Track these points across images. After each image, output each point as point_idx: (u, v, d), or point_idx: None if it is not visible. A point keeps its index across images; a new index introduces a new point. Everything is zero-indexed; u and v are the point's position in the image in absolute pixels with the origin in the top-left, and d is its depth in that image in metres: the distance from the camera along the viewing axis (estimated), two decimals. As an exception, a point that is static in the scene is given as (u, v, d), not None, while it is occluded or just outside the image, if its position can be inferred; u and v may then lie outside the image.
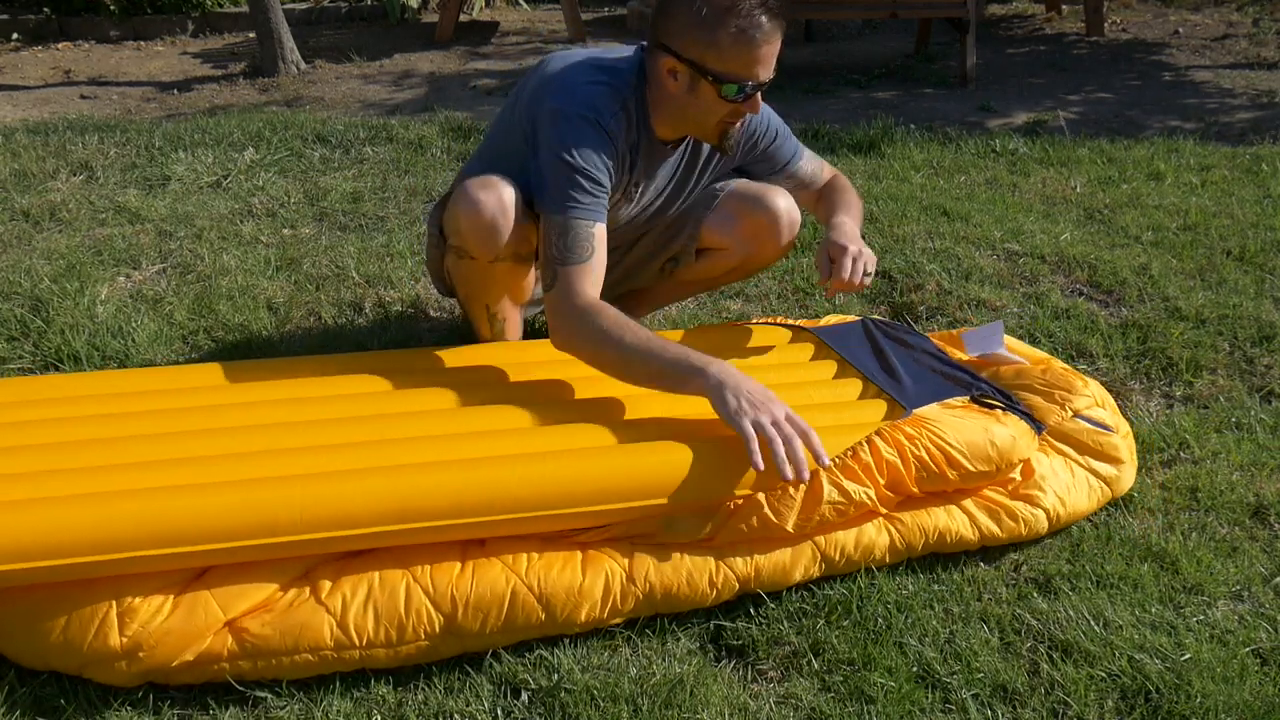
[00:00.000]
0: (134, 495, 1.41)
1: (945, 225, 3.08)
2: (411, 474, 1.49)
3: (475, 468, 1.51)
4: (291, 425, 1.66)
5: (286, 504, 1.42)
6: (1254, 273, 2.78)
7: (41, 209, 3.17)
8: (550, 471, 1.52)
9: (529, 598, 1.50)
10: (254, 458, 1.54)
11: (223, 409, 1.72)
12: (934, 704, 1.45)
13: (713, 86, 1.73)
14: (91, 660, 1.39)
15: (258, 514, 1.41)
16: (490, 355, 1.95)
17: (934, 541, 1.69)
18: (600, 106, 1.76)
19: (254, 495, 1.43)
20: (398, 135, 3.96)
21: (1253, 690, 1.45)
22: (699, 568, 1.57)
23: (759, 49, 1.70)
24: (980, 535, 1.71)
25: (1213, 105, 4.59)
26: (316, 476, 1.48)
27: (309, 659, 1.44)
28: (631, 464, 1.56)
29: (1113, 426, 1.88)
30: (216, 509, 1.41)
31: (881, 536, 1.67)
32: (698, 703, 1.43)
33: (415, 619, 1.46)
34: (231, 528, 1.40)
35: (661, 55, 1.75)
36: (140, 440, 1.59)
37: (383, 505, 1.45)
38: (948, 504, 1.71)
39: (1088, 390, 1.91)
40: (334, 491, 1.45)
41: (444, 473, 1.50)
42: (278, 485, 1.45)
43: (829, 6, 5.22)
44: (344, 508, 1.44)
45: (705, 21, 1.67)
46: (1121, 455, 1.85)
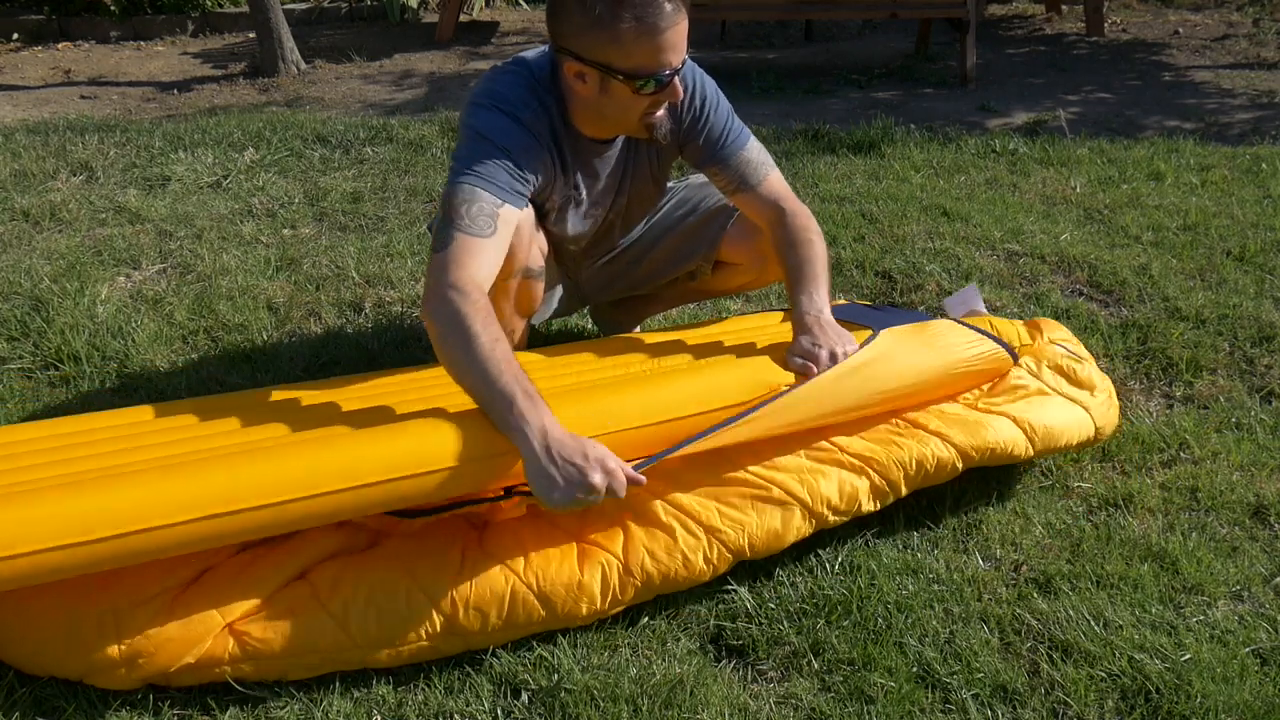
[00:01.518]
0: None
1: (945, 225, 3.08)
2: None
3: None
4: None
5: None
6: (1254, 273, 2.78)
7: (41, 209, 3.17)
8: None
9: (528, 596, 1.50)
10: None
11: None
12: (934, 704, 1.45)
13: (625, 84, 1.64)
14: (91, 669, 1.40)
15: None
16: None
17: (914, 473, 1.71)
18: (513, 99, 1.70)
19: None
20: (398, 135, 3.96)
21: (1253, 690, 1.45)
22: (692, 548, 1.58)
23: (664, 36, 1.59)
24: (957, 451, 1.73)
25: (1213, 105, 4.59)
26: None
27: (311, 660, 1.45)
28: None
29: (1082, 356, 1.97)
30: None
31: (861, 481, 1.68)
32: (698, 703, 1.43)
33: (416, 620, 1.46)
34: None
35: (565, 59, 1.66)
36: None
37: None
38: (916, 430, 1.76)
39: (1062, 330, 2.02)
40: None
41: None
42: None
43: (829, 6, 5.22)
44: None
45: (601, 19, 1.57)
46: (1095, 382, 1.92)
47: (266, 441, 1.51)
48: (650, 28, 1.57)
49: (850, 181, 3.49)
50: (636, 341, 1.97)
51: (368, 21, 6.64)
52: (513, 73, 1.76)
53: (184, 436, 1.66)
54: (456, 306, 1.52)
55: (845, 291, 2.69)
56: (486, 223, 1.61)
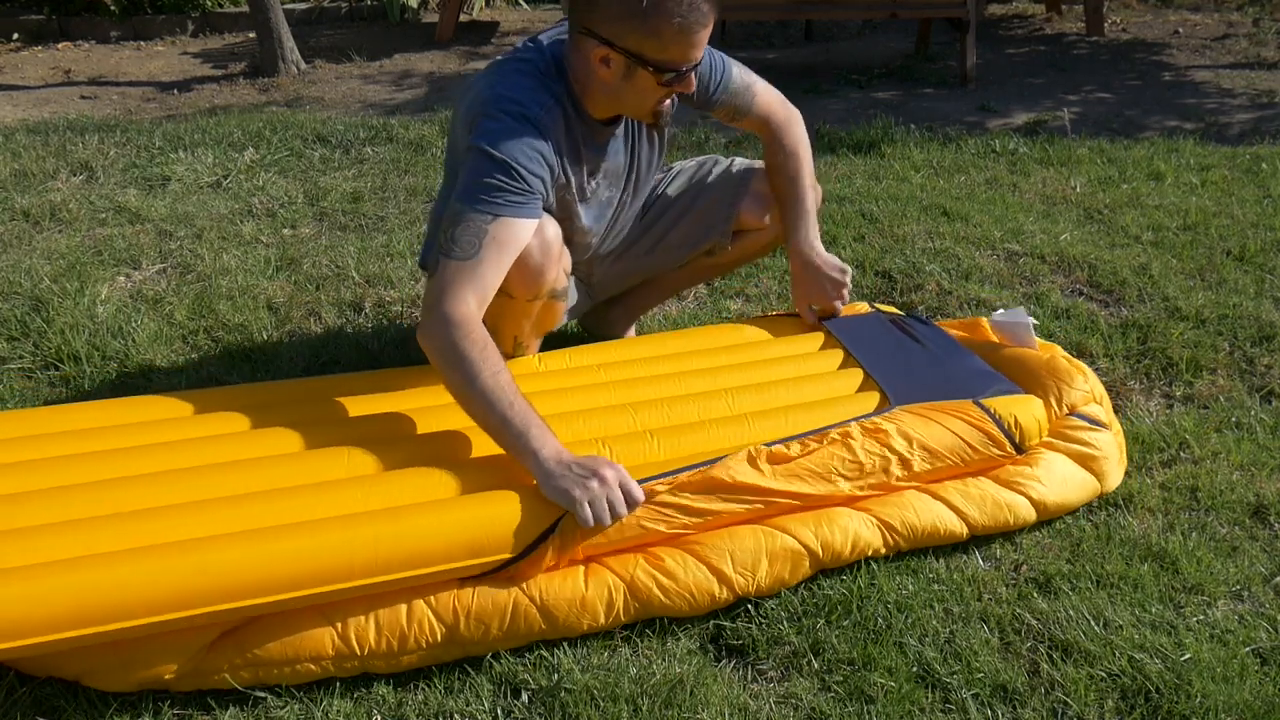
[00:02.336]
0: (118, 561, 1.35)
1: (945, 225, 3.08)
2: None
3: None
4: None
5: (359, 545, 1.39)
6: (1254, 273, 2.78)
7: (41, 209, 3.17)
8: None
9: (530, 609, 1.49)
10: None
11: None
12: (934, 704, 1.45)
13: (652, 75, 1.67)
14: (87, 670, 1.39)
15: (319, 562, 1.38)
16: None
17: (922, 538, 1.71)
18: (525, 100, 1.69)
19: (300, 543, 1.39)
20: (398, 135, 3.96)
21: (1253, 690, 1.45)
22: (701, 587, 1.56)
23: (698, 34, 1.64)
24: (969, 529, 1.73)
25: (1213, 105, 4.59)
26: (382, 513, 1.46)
27: (310, 668, 1.44)
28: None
29: (1105, 423, 1.89)
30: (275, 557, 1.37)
31: (874, 537, 1.68)
32: (698, 703, 1.43)
33: (417, 629, 1.46)
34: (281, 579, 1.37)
35: (590, 42, 1.66)
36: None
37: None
38: (935, 500, 1.73)
39: (1085, 385, 1.91)
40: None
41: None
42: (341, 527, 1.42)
43: (829, 6, 5.22)
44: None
45: (644, 12, 1.59)
46: (1110, 453, 1.86)
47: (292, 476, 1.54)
48: (689, 26, 1.62)
49: (850, 181, 3.49)
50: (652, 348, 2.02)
51: (368, 21, 6.64)
52: (517, 71, 1.74)
53: (189, 436, 1.66)
54: (452, 340, 1.55)
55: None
56: (470, 243, 1.61)
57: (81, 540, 1.38)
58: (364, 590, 1.42)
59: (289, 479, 1.55)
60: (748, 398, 1.84)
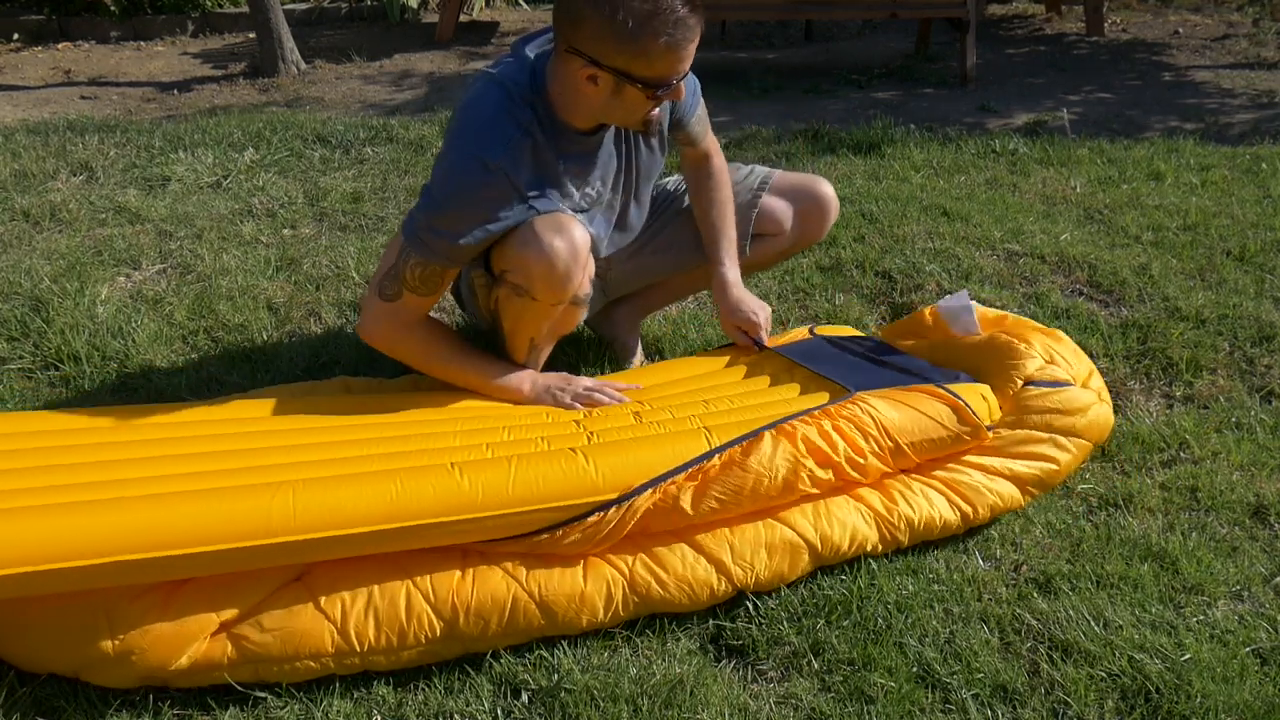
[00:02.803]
0: (126, 502, 1.39)
1: (945, 225, 3.08)
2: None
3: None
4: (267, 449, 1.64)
5: (281, 504, 1.40)
6: (1254, 273, 2.78)
7: (41, 209, 3.17)
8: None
9: (530, 605, 1.50)
10: (241, 472, 1.52)
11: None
12: (934, 704, 1.45)
13: (641, 91, 1.66)
14: (85, 665, 1.39)
15: (250, 514, 1.39)
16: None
17: (920, 532, 1.72)
18: (490, 141, 1.68)
19: (248, 497, 1.41)
20: (398, 135, 3.96)
21: (1253, 690, 1.45)
22: (700, 580, 1.57)
23: (686, 49, 1.64)
24: (963, 520, 1.74)
25: (1213, 105, 4.59)
26: (305, 480, 1.47)
27: (310, 665, 1.44)
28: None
29: (1069, 379, 1.89)
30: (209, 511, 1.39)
31: (872, 532, 1.69)
32: (698, 703, 1.43)
33: (416, 625, 1.46)
34: (220, 529, 1.37)
35: (576, 61, 1.64)
36: (127, 463, 1.56)
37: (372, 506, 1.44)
38: (930, 491, 1.74)
39: (1032, 352, 1.91)
40: (325, 491, 1.44)
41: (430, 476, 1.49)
42: (267, 488, 1.43)
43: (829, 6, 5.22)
44: (334, 507, 1.42)
45: (631, 33, 1.57)
46: (1081, 403, 1.87)
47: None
48: (678, 42, 1.61)
49: (850, 181, 3.49)
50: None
51: (368, 21, 6.64)
52: (491, 99, 1.72)
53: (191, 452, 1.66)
54: (403, 341, 1.84)
55: (846, 292, 2.69)
56: (434, 285, 1.77)
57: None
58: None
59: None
60: (688, 406, 1.82)
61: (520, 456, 1.54)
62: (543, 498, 1.49)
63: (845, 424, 1.70)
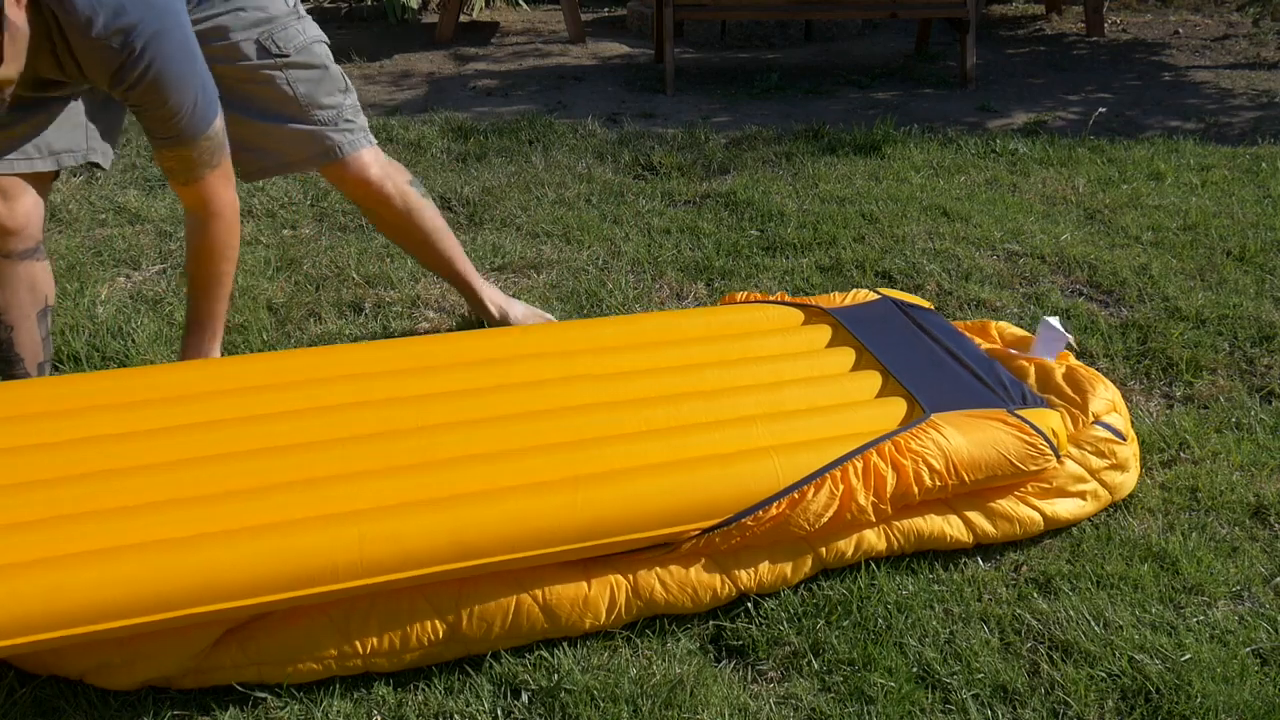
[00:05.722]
0: (168, 549, 1.34)
1: (945, 225, 3.08)
2: (472, 507, 1.45)
3: (534, 496, 1.48)
4: (325, 443, 1.58)
5: (344, 546, 1.36)
6: (1254, 273, 2.78)
7: (41, 209, 3.17)
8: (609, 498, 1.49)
9: (533, 608, 1.49)
10: (292, 489, 1.48)
11: (243, 421, 1.63)
12: (934, 704, 1.45)
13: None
14: (91, 667, 1.39)
15: (311, 560, 1.35)
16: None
17: (928, 541, 1.70)
18: None
19: (305, 540, 1.37)
20: (398, 135, 3.96)
21: (1253, 690, 1.45)
22: (704, 584, 1.57)
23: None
24: (974, 537, 1.72)
25: (1213, 105, 4.59)
26: (371, 512, 1.43)
27: (312, 667, 1.44)
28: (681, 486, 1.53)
29: (1125, 435, 1.85)
30: (264, 557, 1.34)
31: (879, 541, 1.67)
32: (698, 703, 1.43)
33: (419, 628, 1.46)
34: (281, 577, 1.34)
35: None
36: (157, 469, 1.50)
37: (443, 542, 1.41)
38: (948, 513, 1.71)
39: (1106, 394, 1.88)
40: (392, 530, 1.40)
41: (503, 504, 1.46)
42: (329, 524, 1.40)
43: (829, 6, 5.21)
44: (404, 547, 1.39)
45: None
46: (1129, 464, 1.84)
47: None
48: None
49: (850, 181, 3.49)
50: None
51: (367, 22, 6.64)
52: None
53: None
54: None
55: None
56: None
57: (86, 535, 1.36)
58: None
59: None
60: (757, 402, 1.76)
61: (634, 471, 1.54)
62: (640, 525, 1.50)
63: (911, 459, 1.63)
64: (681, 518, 1.51)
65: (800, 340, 2.00)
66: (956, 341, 1.97)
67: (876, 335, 1.94)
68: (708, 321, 2.05)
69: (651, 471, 1.55)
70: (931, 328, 2.00)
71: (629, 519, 1.49)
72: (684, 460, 1.58)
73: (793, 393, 1.81)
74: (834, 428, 1.69)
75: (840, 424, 1.71)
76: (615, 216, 3.15)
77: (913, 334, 1.97)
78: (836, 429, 1.69)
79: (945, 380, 1.82)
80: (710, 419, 1.71)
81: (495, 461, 1.56)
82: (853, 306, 2.08)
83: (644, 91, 4.76)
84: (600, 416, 1.70)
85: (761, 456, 1.59)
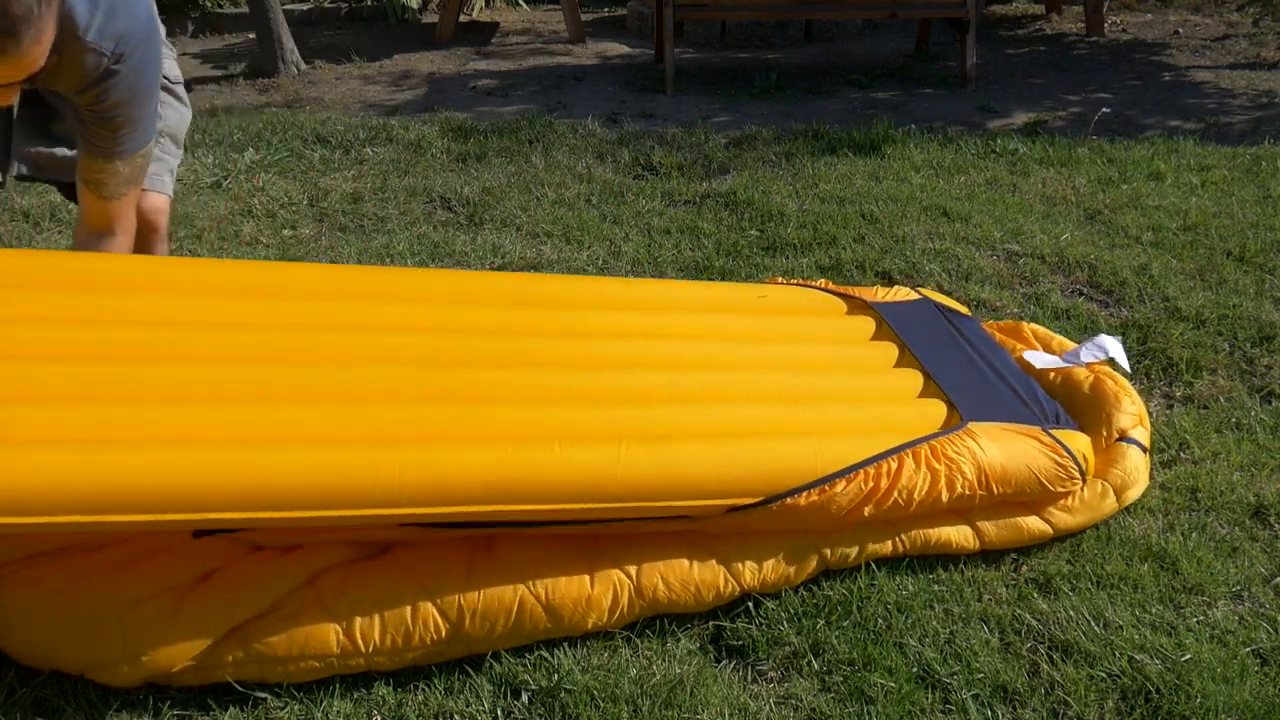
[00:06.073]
0: (205, 447, 1.30)
1: (945, 225, 3.08)
2: (516, 450, 1.41)
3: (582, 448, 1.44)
4: (372, 364, 1.53)
5: (385, 470, 1.32)
6: (1254, 273, 2.78)
7: (41, 209, 3.17)
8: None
9: (536, 608, 1.49)
10: (336, 406, 1.43)
11: (291, 329, 1.57)
12: (934, 704, 1.45)
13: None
14: (92, 665, 1.39)
15: (351, 478, 1.31)
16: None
17: (934, 547, 1.69)
18: None
19: (345, 457, 1.33)
20: (398, 136, 3.96)
21: (1253, 690, 1.45)
22: (708, 581, 1.56)
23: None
24: (982, 543, 1.71)
25: (1213, 105, 4.59)
26: (414, 440, 1.38)
27: (314, 665, 1.44)
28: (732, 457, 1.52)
29: (1147, 447, 1.85)
30: (302, 470, 1.30)
31: (884, 545, 1.67)
32: (698, 703, 1.43)
33: (422, 627, 1.46)
34: (317, 493, 1.30)
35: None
36: (198, 364, 1.45)
37: (485, 480, 1.37)
38: (958, 521, 1.70)
39: (1132, 408, 1.88)
40: (435, 460, 1.36)
41: (548, 451, 1.42)
42: (372, 446, 1.36)
43: (829, 6, 5.22)
44: (446, 480, 1.34)
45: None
46: (1144, 476, 1.84)
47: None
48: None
49: (850, 181, 3.49)
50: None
51: (367, 22, 6.64)
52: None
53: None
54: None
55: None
56: None
57: (126, 422, 1.32)
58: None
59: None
60: (800, 384, 1.74)
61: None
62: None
63: (946, 465, 1.63)
64: (719, 491, 1.50)
65: (843, 328, 1.98)
66: (995, 353, 1.96)
67: (917, 336, 1.93)
68: (756, 296, 2.02)
69: (693, 440, 1.53)
70: (971, 335, 1.99)
71: (666, 485, 1.47)
72: (725, 433, 1.57)
73: (836, 380, 1.79)
74: (875, 422, 1.69)
75: (882, 420, 1.70)
76: (615, 216, 3.15)
77: (953, 339, 1.96)
78: (877, 424, 1.68)
79: (983, 390, 1.81)
80: (752, 394, 1.70)
81: (538, 407, 1.53)
82: (895, 303, 2.06)
83: (644, 91, 4.76)
84: (644, 378, 1.67)
85: (803, 441, 1.58)
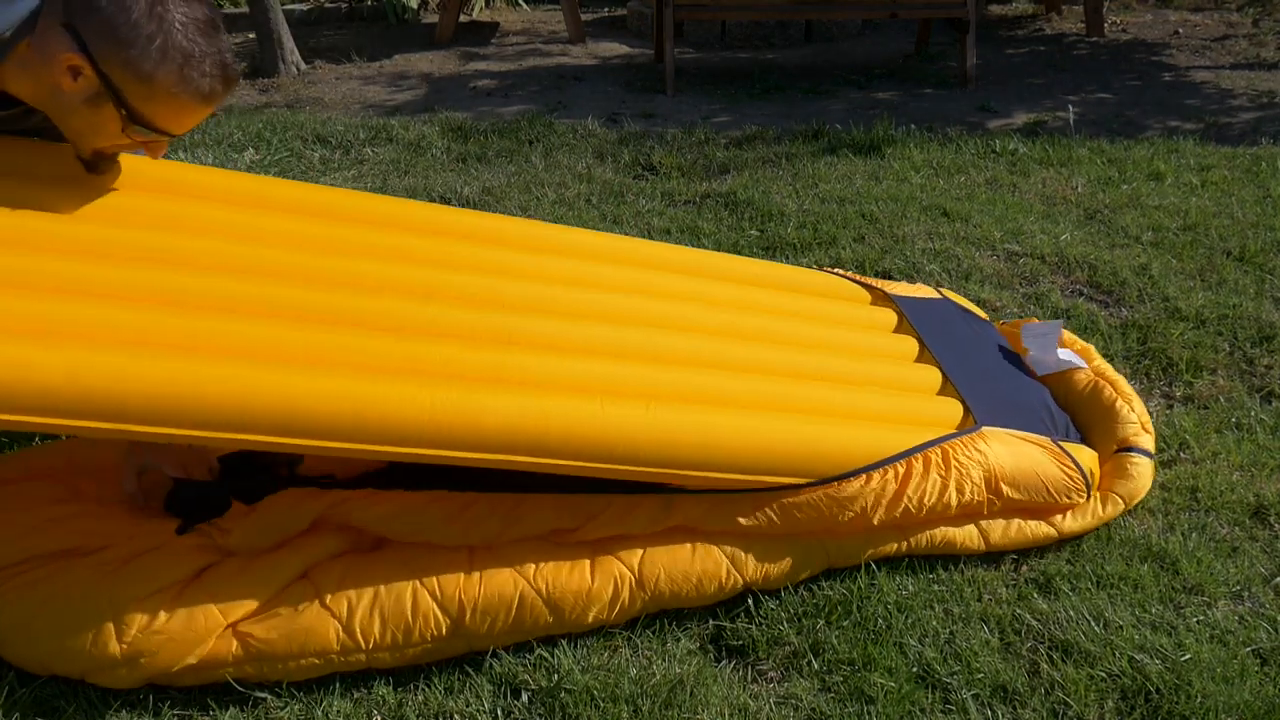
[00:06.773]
0: (242, 364, 1.28)
1: (945, 225, 3.08)
2: (552, 400, 1.40)
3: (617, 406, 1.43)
4: (408, 297, 1.51)
5: (416, 407, 1.30)
6: (1254, 273, 2.78)
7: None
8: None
9: (537, 602, 1.49)
10: (371, 336, 1.41)
11: (330, 253, 1.54)
12: (934, 704, 1.45)
13: (122, 118, 1.35)
14: (92, 667, 1.39)
15: (381, 409, 1.29)
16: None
17: (939, 547, 1.69)
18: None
19: (377, 389, 1.31)
20: (398, 136, 3.96)
21: (1253, 690, 1.45)
22: (709, 573, 1.56)
23: (199, 110, 1.37)
24: (987, 545, 1.71)
25: (1213, 105, 4.59)
26: (447, 379, 1.36)
27: (314, 662, 1.44)
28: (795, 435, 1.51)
29: (1152, 452, 1.85)
30: (331, 397, 1.28)
31: (891, 545, 1.67)
32: (698, 703, 1.43)
33: (422, 622, 1.46)
34: (345, 421, 1.28)
35: (66, 41, 1.30)
36: (234, 275, 1.42)
37: (518, 426, 1.36)
38: (965, 523, 1.70)
39: (1134, 417, 1.89)
40: (468, 403, 1.33)
41: (586, 404, 1.42)
42: (406, 380, 1.34)
43: (829, 6, 5.22)
44: (478, 423, 1.33)
45: (150, 54, 1.30)
46: (1148, 480, 1.84)
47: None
48: (194, 96, 1.35)
49: (850, 181, 3.49)
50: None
51: (367, 22, 6.64)
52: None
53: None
54: None
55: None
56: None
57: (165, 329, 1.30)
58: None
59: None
60: (829, 366, 1.73)
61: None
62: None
63: (956, 468, 1.63)
64: (753, 466, 1.50)
65: (867, 317, 1.99)
66: (1010, 359, 1.97)
67: (936, 333, 1.93)
68: (792, 275, 2.02)
69: (726, 411, 1.53)
70: (987, 339, 1.99)
71: (698, 453, 1.47)
72: (759, 405, 1.56)
73: (864, 366, 1.80)
74: (899, 413, 1.69)
75: (906, 412, 1.70)
76: (615, 216, 3.15)
77: (969, 341, 1.96)
78: (902, 415, 1.69)
79: (997, 395, 1.81)
80: (784, 370, 1.69)
81: (579, 359, 1.52)
82: (915, 299, 2.06)
83: (644, 91, 4.76)
84: (679, 341, 1.67)
85: (834, 426, 1.58)
